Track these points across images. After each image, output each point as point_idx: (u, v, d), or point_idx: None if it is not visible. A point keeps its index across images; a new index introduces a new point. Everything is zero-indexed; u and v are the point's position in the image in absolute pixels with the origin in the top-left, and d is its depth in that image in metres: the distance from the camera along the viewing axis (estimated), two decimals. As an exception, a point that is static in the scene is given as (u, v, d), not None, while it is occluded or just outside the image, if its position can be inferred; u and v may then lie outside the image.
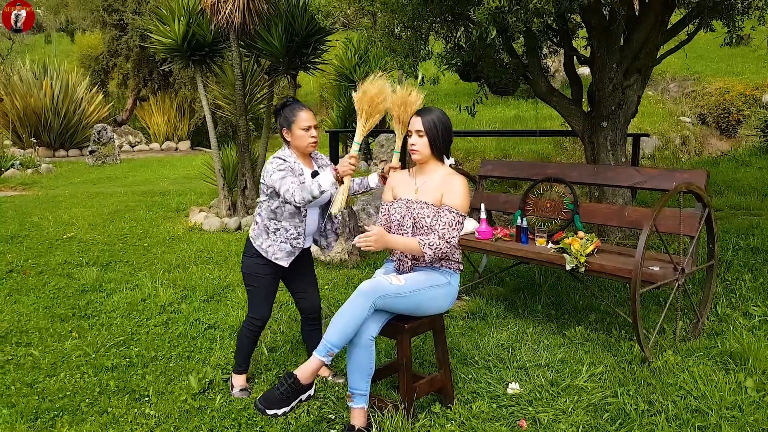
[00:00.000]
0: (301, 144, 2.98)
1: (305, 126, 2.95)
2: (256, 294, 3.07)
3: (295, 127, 2.96)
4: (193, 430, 2.75)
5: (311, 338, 3.22)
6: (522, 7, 3.56)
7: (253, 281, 3.06)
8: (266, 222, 3.01)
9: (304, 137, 2.96)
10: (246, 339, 3.11)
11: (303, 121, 2.95)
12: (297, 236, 2.99)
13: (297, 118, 2.96)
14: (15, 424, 2.82)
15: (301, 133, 2.96)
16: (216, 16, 6.37)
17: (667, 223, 3.49)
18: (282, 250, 2.99)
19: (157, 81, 16.90)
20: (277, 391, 2.64)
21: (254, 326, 3.09)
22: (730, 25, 4.95)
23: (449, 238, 2.67)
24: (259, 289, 3.06)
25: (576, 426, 2.64)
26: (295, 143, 2.99)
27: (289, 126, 2.97)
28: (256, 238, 3.03)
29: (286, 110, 3.00)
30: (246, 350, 3.12)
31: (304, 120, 2.95)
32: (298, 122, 2.95)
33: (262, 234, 3.01)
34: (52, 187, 10.24)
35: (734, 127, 11.81)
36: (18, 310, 4.30)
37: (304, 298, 3.21)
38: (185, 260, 5.50)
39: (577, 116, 5.40)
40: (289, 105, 3.02)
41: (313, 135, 2.98)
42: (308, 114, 2.98)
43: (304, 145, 2.98)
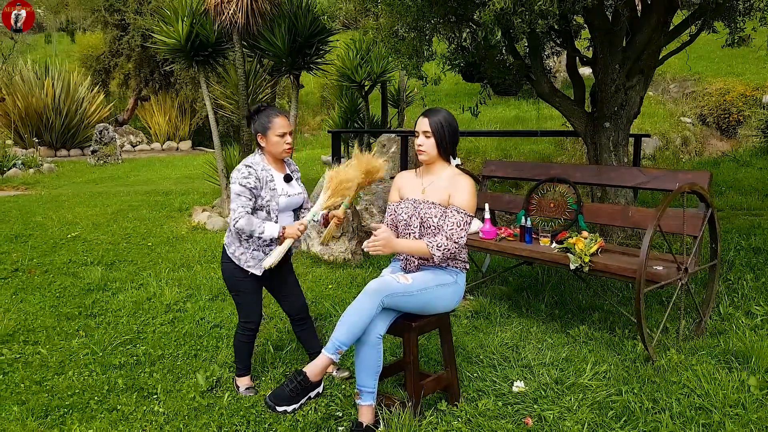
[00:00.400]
0: (276, 150, 2.96)
1: (281, 132, 2.93)
2: (244, 299, 3.06)
3: (271, 133, 2.93)
4: (202, 427, 2.78)
5: (305, 336, 3.23)
6: (527, 9, 3.59)
7: (236, 286, 3.05)
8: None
9: (280, 143, 2.94)
10: (242, 344, 3.11)
11: (279, 127, 2.93)
12: (269, 243, 2.97)
13: (273, 125, 2.93)
14: (26, 421, 2.85)
15: (277, 139, 2.93)
16: (219, 17, 6.40)
17: (670, 223, 3.52)
18: (254, 258, 2.98)
19: (158, 81, 16.92)
20: (287, 388, 2.67)
21: (248, 330, 3.09)
22: (732, 26, 4.98)
23: (457, 239, 2.70)
24: (243, 293, 3.05)
25: (581, 423, 2.67)
26: (270, 149, 2.97)
27: (264, 132, 2.95)
28: (229, 246, 3.01)
29: (261, 116, 2.97)
30: (244, 354, 3.13)
31: (280, 126, 2.93)
32: (273, 128, 2.93)
33: (235, 242, 2.99)
34: (54, 187, 10.26)
35: (735, 127, 11.83)
36: (24, 309, 4.33)
37: (287, 301, 3.21)
38: (189, 259, 5.53)
39: (579, 117, 5.43)
40: (264, 110, 2.99)
41: (288, 141, 2.95)
42: (284, 120, 2.96)
43: (278, 151, 2.96)
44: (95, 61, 17.80)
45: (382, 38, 5.15)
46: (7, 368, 3.42)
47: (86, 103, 16.00)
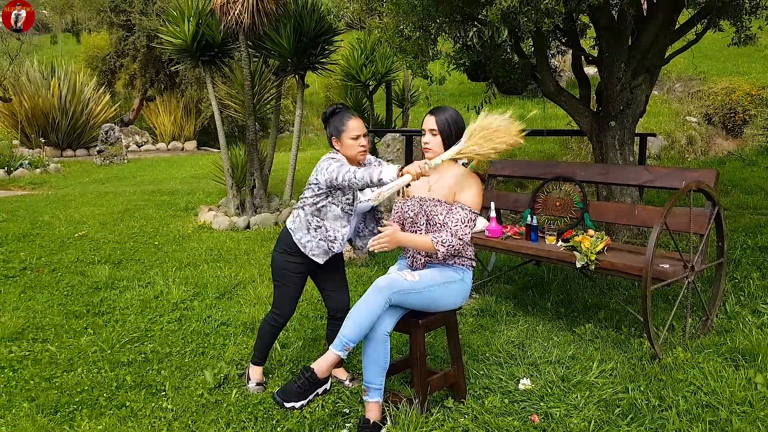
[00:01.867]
0: (350, 153, 2.96)
1: (355, 135, 2.93)
2: (284, 291, 3.08)
3: (345, 136, 2.94)
4: (210, 423, 2.80)
5: (334, 336, 3.21)
6: (533, 8, 3.60)
7: (282, 278, 3.06)
8: (309, 217, 2.99)
9: (354, 146, 2.94)
10: (267, 332, 3.12)
11: (353, 130, 2.93)
12: (334, 239, 2.99)
13: (346, 128, 2.93)
14: (36, 417, 2.87)
15: (351, 142, 2.94)
16: (225, 17, 6.42)
17: (677, 222, 3.52)
18: (319, 248, 2.99)
19: (163, 81, 16.97)
20: (295, 385, 2.69)
21: (276, 322, 3.10)
22: (738, 24, 4.98)
23: (462, 235, 2.71)
24: (287, 286, 3.06)
25: (588, 420, 2.68)
26: (345, 152, 2.97)
27: (338, 135, 2.95)
28: (296, 231, 3.01)
29: (335, 119, 2.97)
30: (266, 342, 3.14)
31: (354, 129, 2.93)
32: (347, 131, 2.93)
33: (302, 228, 3.00)
34: (61, 187, 10.31)
35: (740, 126, 11.80)
36: (33, 307, 4.36)
37: (333, 297, 3.22)
38: (196, 258, 5.55)
39: (585, 116, 5.43)
40: (338, 113, 2.98)
41: (362, 144, 2.95)
42: (358, 123, 2.94)
43: (353, 154, 2.96)
44: (101, 62, 17.87)
45: (387, 38, 5.15)
46: (17, 365, 3.46)
47: (92, 104, 16.06)
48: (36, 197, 8.81)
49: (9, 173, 11.46)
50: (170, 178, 11.32)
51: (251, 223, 6.90)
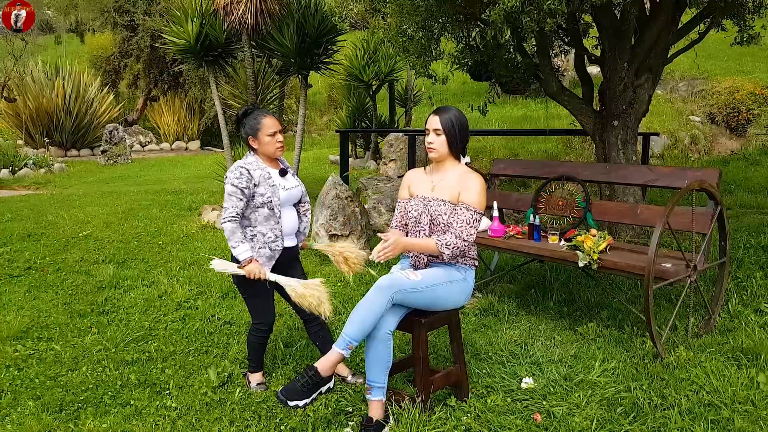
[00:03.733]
0: (268, 150, 3.01)
1: (271, 132, 2.98)
2: (254, 301, 3.08)
3: (261, 134, 2.98)
4: (214, 421, 2.82)
5: (319, 337, 3.22)
6: (535, 8, 3.61)
7: (246, 289, 3.06)
8: (242, 230, 2.99)
9: (272, 143, 2.99)
10: (255, 344, 3.13)
11: (268, 127, 2.98)
12: (275, 239, 3.00)
13: (262, 125, 2.98)
14: (41, 415, 2.89)
15: (268, 139, 2.98)
16: (229, 17, 6.44)
17: (679, 221, 3.53)
18: (261, 256, 2.99)
19: (167, 81, 17.02)
20: (298, 383, 2.70)
21: (261, 331, 3.10)
22: (741, 24, 4.97)
23: (467, 236, 2.72)
24: (255, 297, 3.07)
25: (590, 419, 2.69)
26: (263, 150, 3.02)
27: (254, 134, 2.99)
28: None
29: (249, 118, 3.02)
30: (257, 353, 3.15)
31: (269, 126, 2.98)
32: (263, 129, 2.98)
33: None
34: (65, 187, 10.35)
35: (744, 126, 11.78)
36: (38, 306, 4.38)
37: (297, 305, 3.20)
38: (199, 258, 5.57)
39: (588, 115, 5.43)
40: (251, 113, 3.03)
41: (279, 140, 3.01)
42: (272, 120, 3.01)
43: (271, 150, 3.01)
44: (105, 62, 17.93)
45: (390, 38, 5.17)
46: (22, 364, 3.48)
47: (96, 104, 16.11)
48: (40, 197, 8.84)
49: (13, 173, 11.51)
50: (174, 177, 11.35)
51: (254, 223, 6.92)
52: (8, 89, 15.00)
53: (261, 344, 3.14)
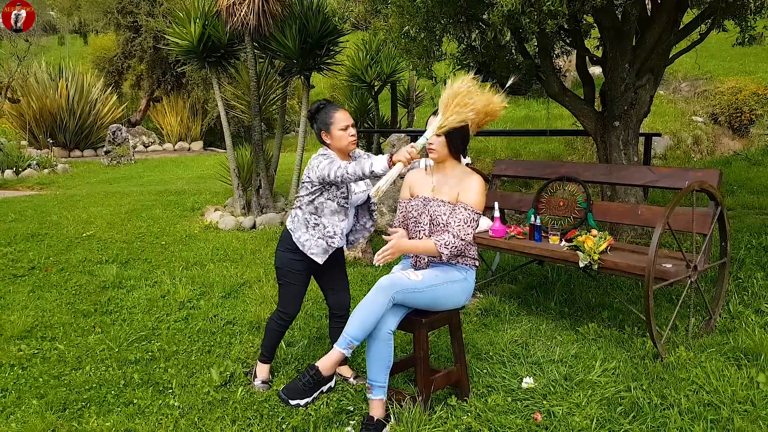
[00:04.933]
0: (341, 144, 3.01)
1: (343, 126, 2.99)
2: (288, 289, 3.12)
3: (333, 128, 2.99)
4: (216, 420, 2.84)
5: (337, 334, 3.24)
6: (535, 9, 3.62)
7: (286, 276, 3.10)
8: (306, 216, 3.04)
9: (344, 137, 2.99)
10: (273, 331, 3.17)
11: (340, 121, 2.98)
12: (333, 235, 3.02)
13: (334, 120, 2.99)
14: (45, 414, 2.92)
15: (340, 133, 2.99)
16: (231, 18, 6.47)
17: (680, 222, 3.54)
18: (318, 246, 3.02)
19: (170, 82, 17.07)
20: (300, 383, 2.72)
21: (282, 320, 3.15)
22: (743, 24, 4.98)
23: (464, 236, 2.73)
24: (292, 285, 3.11)
25: (590, 419, 2.70)
26: (335, 144, 3.02)
27: (327, 129, 3.01)
28: (295, 231, 3.06)
29: (321, 114, 3.03)
30: (272, 340, 3.19)
31: (341, 120, 2.99)
32: (336, 123, 2.98)
33: (301, 227, 3.05)
34: (69, 187, 10.39)
35: (746, 126, 11.77)
36: (41, 306, 4.41)
37: (333, 295, 3.27)
38: (202, 258, 5.60)
39: (589, 116, 5.44)
40: (323, 108, 3.05)
41: (352, 134, 3.00)
42: (344, 114, 3.01)
43: (344, 144, 3.01)
44: (108, 63, 17.98)
45: (392, 39, 5.19)
46: (26, 363, 3.51)
47: (99, 104, 16.16)
48: (44, 197, 8.88)
49: (17, 174, 11.55)
50: (177, 178, 11.38)
51: (257, 223, 6.95)
52: (12, 90, 15.07)
53: (278, 332, 3.16)
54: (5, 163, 11.69)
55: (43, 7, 22.12)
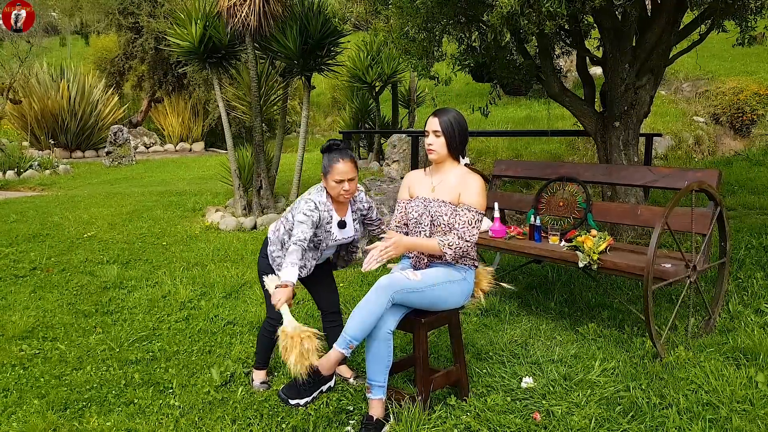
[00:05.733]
0: (333, 193, 2.98)
1: (338, 179, 2.92)
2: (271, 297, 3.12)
3: (329, 177, 2.94)
4: (216, 420, 2.85)
5: (334, 333, 3.26)
6: (534, 11, 3.63)
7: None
8: (284, 237, 3.05)
9: (336, 188, 2.94)
10: (264, 338, 3.17)
11: (337, 174, 2.92)
12: (303, 266, 3.00)
13: (332, 170, 2.92)
14: (46, 414, 2.93)
15: (334, 184, 2.94)
16: (232, 19, 6.48)
17: (679, 222, 3.54)
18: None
19: (171, 83, 17.10)
20: (299, 382, 2.73)
21: (271, 326, 3.14)
22: (743, 25, 4.97)
23: (469, 237, 2.74)
24: None
25: (589, 418, 2.71)
26: (329, 190, 2.99)
27: (325, 174, 2.97)
28: (272, 243, 3.10)
29: (326, 157, 2.98)
30: (265, 348, 3.20)
31: (339, 173, 2.91)
32: (332, 174, 2.92)
33: (277, 243, 3.09)
34: (70, 188, 10.42)
35: (748, 126, 11.75)
36: (43, 306, 4.43)
37: (320, 296, 3.31)
38: (203, 258, 5.61)
39: (589, 116, 5.45)
40: (332, 152, 2.97)
41: (345, 189, 2.93)
42: (345, 166, 2.91)
43: (334, 194, 2.98)
44: (109, 64, 18.02)
45: (392, 39, 5.20)
46: (28, 363, 3.52)
47: (101, 105, 16.20)
48: (45, 198, 8.90)
49: (19, 174, 11.59)
50: (178, 179, 11.40)
51: (258, 224, 6.96)
52: (14, 91, 15.10)
53: (269, 339, 3.16)
54: (7, 164, 11.73)
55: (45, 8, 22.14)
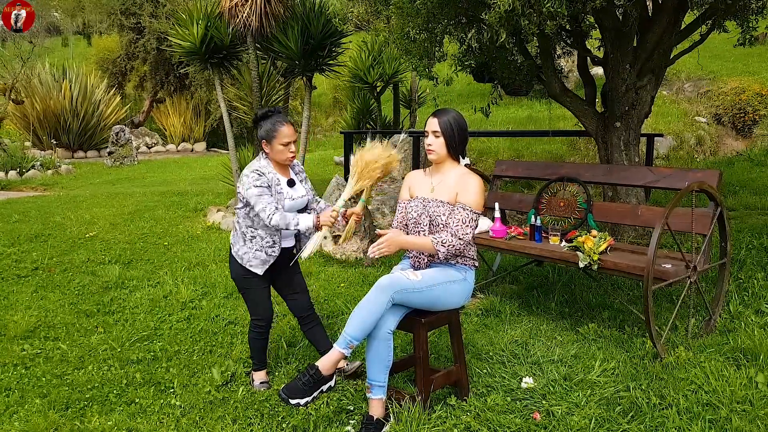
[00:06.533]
0: (279, 158, 3.01)
1: (285, 142, 2.97)
2: (250, 296, 3.13)
3: (276, 142, 2.97)
4: (217, 419, 2.86)
5: (314, 335, 3.28)
6: (535, 11, 3.63)
7: (243, 285, 3.12)
8: (243, 229, 3.05)
9: (284, 152, 2.98)
10: (255, 341, 3.18)
11: (284, 137, 2.96)
12: (272, 244, 3.03)
13: (278, 134, 2.96)
14: (48, 413, 2.94)
15: (281, 148, 2.97)
16: (234, 20, 6.50)
17: (679, 222, 3.54)
18: (256, 258, 3.04)
19: (173, 83, 17.13)
20: (300, 382, 2.74)
21: (258, 327, 3.15)
22: (744, 25, 4.97)
23: (462, 235, 2.75)
24: (251, 290, 3.12)
25: (588, 418, 2.71)
26: (274, 156, 3.02)
27: (269, 139, 2.98)
28: (234, 244, 3.11)
29: (267, 122, 3.00)
30: (258, 350, 3.20)
31: (285, 136, 2.96)
32: (279, 137, 2.96)
33: (239, 240, 3.08)
34: (72, 188, 10.44)
35: (750, 127, 11.73)
36: (45, 306, 4.44)
37: (291, 300, 3.28)
38: (204, 258, 5.62)
39: (590, 116, 5.45)
40: (270, 117, 3.01)
41: (292, 150, 3.00)
42: (290, 129, 2.98)
43: (282, 159, 3.01)
44: (111, 64, 18.07)
45: (393, 40, 5.20)
46: (29, 363, 3.53)
47: (103, 106, 16.24)
48: (47, 198, 8.92)
49: (21, 174, 11.61)
50: (180, 179, 11.42)
51: (259, 224, 6.96)
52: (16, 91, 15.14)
53: (260, 340, 3.18)
54: (9, 164, 11.75)
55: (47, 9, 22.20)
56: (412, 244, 2.78)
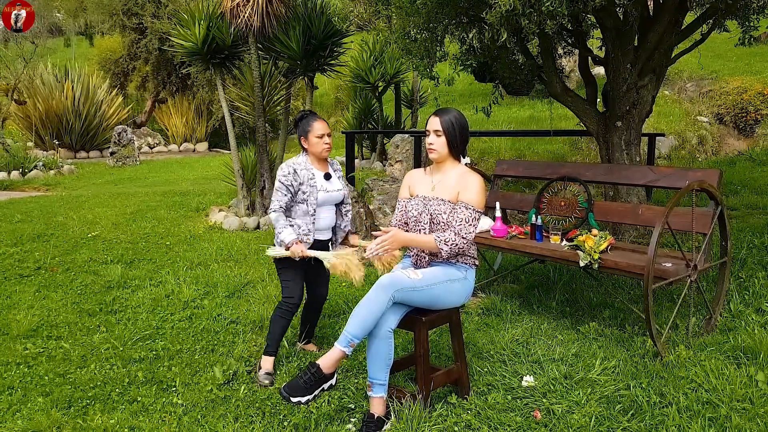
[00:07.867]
0: (316, 150, 3.39)
1: (319, 134, 3.36)
2: (285, 276, 3.34)
3: (311, 135, 3.37)
4: (219, 418, 2.87)
5: (308, 319, 3.60)
6: (535, 10, 3.64)
7: (280, 263, 3.35)
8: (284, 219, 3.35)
9: (319, 144, 3.37)
10: (278, 321, 3.32)
11: (317, 130, 3.37)
12: (308, 233, 3.34)
13: (312, 128, 3.37)
14: (50, 411, 2.96)
15: (316, 140, 3.36)
16: (235, 20, 6.51)
17: (680, 221, 3.55)
18: None
19: (175, 83, 17.16)
20: (301, 380, 2.75)
21: (287, 305, 3.32)
22: (746, 24, 4.97)
23: (465, 234, 2.76)
24: (285, 270, 3.33)
25: (589, 417, 2.72)
26: (311, 150, 3.40)
27: (305, 135, 3.39)
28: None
29: (302, 122, 3.42)
30: (277, 333, 3.32)
31: (318, 129, 3.37)
32: (313, 131, 3.37)
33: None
34: (74, 188, 10.47)
35: (752, 126, 11.72)
36: (47, 306, 4.46)
37: (314, 289, 3.54)
38: (206, 258, 5.64)
39: (591, 116, 5.45)
40: (305, 117, 3.44)
41: (326, 142, 3.38)
42: (322, 124, 3.39)
43: (318, 150, 3.38)
44: (113, 64, 18.10)
45: (394, 39, 5.21)
46: (32, 362, 3.55)
47: (105, 106, 16.27)
48: (50, 198, 8.95)
49: (24, 175, 11.64)
50: (182, 179, 11.44)
51: (261, 224, 6.98)
52: (18, 92, 15.18)
53: (282, 320, 3.32)
54: (12, 165, 11.78)
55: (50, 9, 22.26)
56: (415, 241, 2.79)
